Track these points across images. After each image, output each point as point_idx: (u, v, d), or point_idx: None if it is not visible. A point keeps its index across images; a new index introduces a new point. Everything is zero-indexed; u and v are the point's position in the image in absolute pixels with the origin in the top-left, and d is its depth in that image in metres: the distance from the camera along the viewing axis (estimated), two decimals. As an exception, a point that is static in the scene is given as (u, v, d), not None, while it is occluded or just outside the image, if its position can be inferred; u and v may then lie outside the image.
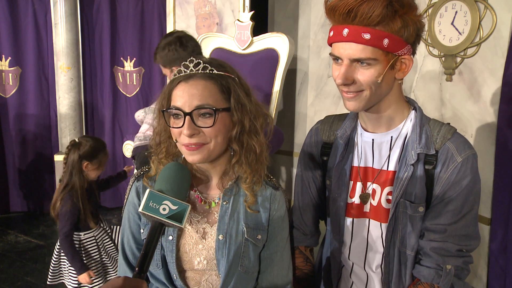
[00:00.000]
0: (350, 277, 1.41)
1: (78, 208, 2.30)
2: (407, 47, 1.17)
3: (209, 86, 1.13)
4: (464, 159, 1.22)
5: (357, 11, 1.11)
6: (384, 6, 1.09)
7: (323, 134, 1.43)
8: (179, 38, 2.27)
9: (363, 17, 1.10)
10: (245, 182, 1.22)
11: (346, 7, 1.11)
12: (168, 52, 2.25)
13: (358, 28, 1.12)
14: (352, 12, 1.11)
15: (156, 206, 0.96)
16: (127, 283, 0.85)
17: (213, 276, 1.23)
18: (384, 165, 1.30)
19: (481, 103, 2.50)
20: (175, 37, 2.28)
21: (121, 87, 4.40)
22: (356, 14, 1.11)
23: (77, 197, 2.30)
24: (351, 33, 1.13)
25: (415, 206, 1.25)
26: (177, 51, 2.24)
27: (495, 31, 2.39)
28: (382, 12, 1.09)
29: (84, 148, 2.34)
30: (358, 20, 1.11)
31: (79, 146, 2.36)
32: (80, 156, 2.32)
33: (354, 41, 1.13)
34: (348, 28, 1.13)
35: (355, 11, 1.11)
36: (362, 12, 1.10)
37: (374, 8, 1.09)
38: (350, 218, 1.36)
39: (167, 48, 2.26)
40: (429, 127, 1.28)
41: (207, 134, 1.13)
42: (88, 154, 2.34)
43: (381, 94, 1.21)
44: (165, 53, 2.26)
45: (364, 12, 1.10)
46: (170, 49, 2.25)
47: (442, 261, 1.25)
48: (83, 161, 2.34)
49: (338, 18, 1.15)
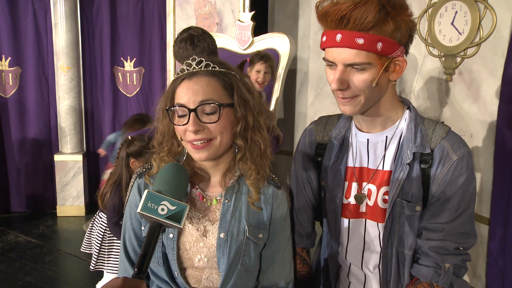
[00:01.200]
0: (348, 278, 1.41)
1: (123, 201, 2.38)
2: (400, 49, 1.16)
3: (213, 82, 1.14)
4: (460, 157, 1.22)
5: (349, 17, 1.10)
6: (377, 11, 1.09)
7: (317, 134, 1.43)
8: (192, 37, 2.27)
9: (356, 23, 1.10)
10: (250, 178, 1.22)
11: (339, 13, 1.11)
12: (179, 49, 2.25)
13: (351, 33, 1.11)
14: (345, 18, 1.10)
15: (154, 207, 0.96)
16: (126, 284, 0.85)
17: (213, 274, 1.23)
18: (380, 165, 1.30)
19: (480, 103, 2.50)
20: (188, 35, 2.28)
21: (121, 87, 4.40)
22: (349, 19, 1.10)
23: (121, 190, 2.40)
24: (344, 39, 1.12)
25: (412, 206, 1.25)
26: (187, 50, 2.25)
27: (495, 31, 2.39)
28: (375, 17, 1.09)
29: (134, 147, 2.43)
30: (351, 26, 1.11)
31: (129, 143, 2.45)
32: (128, 154, 2.41)
33: (348, 46, 1.12)
34: (341, 34, 1.13)
35: (348, 17, 1.10)
36: (355, 18, 1.09)
37: (367, 14, 1.09)
38: (347, 219, 1.35)
39: (178, 45, 2.27)
40: (424, 126, 1.28)
41: (212, 130, 1.13)
42: (135, 152, 2.43)
43: (376, 97, 1.21)
44: (176, 50, 2.27)
45: (357, 18, 1.09)
46: (181, 46, 2.26)
47: (440, 260, 1.25)
48: (130, 158, 2.42)
49: (331, 24, 1.14)
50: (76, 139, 4.30)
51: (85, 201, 4.32)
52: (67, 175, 4.25)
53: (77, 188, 4.28)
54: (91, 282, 3.11)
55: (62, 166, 4.23)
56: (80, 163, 4.25)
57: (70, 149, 4.28)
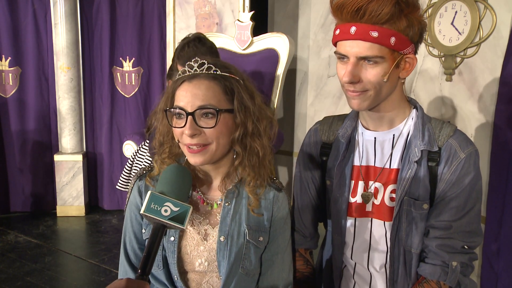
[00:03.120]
0: (353, 278, 1.41)
1: None
2: (411, 46, 1.18)
3: (213, 87, 1.13)
4: (467, 156, 1.23)
5: (366, 9, 1.11)
6: (393, 4, 1.11)
7: (323, 134, 1.43)
8: (198, 37, 2.30)
9: (372, 15, 1.11)
10: (249, 185, 1.22)
11: (355, 5, 1.12)
12: (188, 49, 2.26)
13: (366, 26, 1.13)
14: (361, 10, 1.12)
15: (157, 208, 0.97)
16: (130, 285, 0.86)
17: (214, 278, 1.23)
18: (387, 163, 1.30)
19: (480, 103, 2.51)
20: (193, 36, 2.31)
21: (119, 87, 4.38)
22: (364, 12, 1.12)
23: None
24: (358, 31, 1.13)
25: (419, 204, 1.26)
26: (196, 47, 2.26)
27: (495, 31, 2.40)
28: (390, 10, 1.11)
29: None
30: (367, 18, 1.12)
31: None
32: None
33: (362, 39, 1.13)
34: (356, 26, 1.14)
35: (364, 9, 1.11)
36: (371, 10, 1.11)
37: (383, 6, 1.10)
38: (352, 218, 1.36)
39: (186, 46, 2.27)
40: (431, 125, 1.29)
41: (209, 135, 1.13)
42: None
43: (385, 93, 1.21)
44: (185, 51, 2.27)
45: (373, 10, 1.11)
46: (190, 45, 2.27)
47: (448, 258, 1.25)
48: None
49: (346, 16, 1.15)
50: (76, 139, 4.30)
51: (85, 201, 4.32)
52: (67, 175, 4.25)
53: (77, 188, 4.27)
54: (91, 282, 3.12)
55: (62, 166, 4.23)
56: (80, 163, 4.25)
57: (70, 149, 4.27)
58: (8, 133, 4.24)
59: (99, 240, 3.80)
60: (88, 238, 3.97)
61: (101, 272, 3.23)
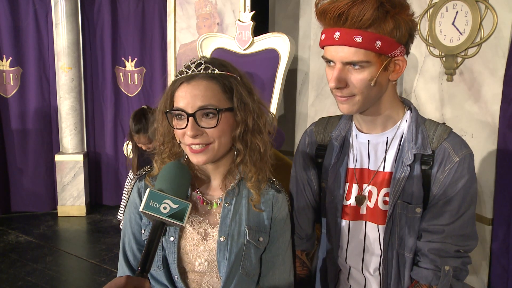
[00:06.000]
0: (348, 281, 1.40)
1: None
2: (400, 48, 1.15)
3: (212, 87, 1.13)
4: (461, 159, 1.21)
5: (347, 14, 1.09)
6: (375, 8, 1.08)
7: (318, 136, 1.42)
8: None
9: (354, 20, 1.09)
10: (251, 180, 1.21)
11: (337, 10, 1.10)
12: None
13: (349, 31, 1.11)
14: (343, 15, 1.10)
15: (156, 205, 0.96)
16: (129, 282, 0.85)
17: (214, 278, 1.23)
18: (381, 166, 1.29)
19: (481, 103, 2.50)
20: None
21: (122, 87, 4.40)
22: (347, 17, 1.09)
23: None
24: (342, 36, 1.12)
25: (412, 207, 1.24)
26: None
27: (496, 31, 2.39)
28: (373, 14, 1.08)
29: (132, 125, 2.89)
30: (349, 23, 1.10)
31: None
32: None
33: (346, 44, 1.12)
34: (339, 31, 1.12)
35: (346, 14, 1.09)
36: (353, 15, 1.09)
37: (365, 11, 1.08)
38: (346, 221, 1.34)
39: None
40: (425, 127, 1.26)
41: (211, 135, 1.13)
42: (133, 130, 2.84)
43: (374, 97, 1.20)
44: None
45: (354, 15, 1.09)
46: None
47: (440, 262, 1.24)
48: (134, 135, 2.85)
49: (329, 22, 1.14)
50: (77, 139, 4.30)
51: (85, 201, 4.32)
52: (68, 175, 4.25)
53: (78, 188, 4.28)
54: (92, 282, 3.12)
55: (63, 166, 4.23)
56: (81, 163, 4.25)
57: (71, 149, 4.28)
58: (9, 133, 4.25)
59: (100, 240, 3.81)
60: (89, 238, 3.98)
61: (102, 272, 3.24)
